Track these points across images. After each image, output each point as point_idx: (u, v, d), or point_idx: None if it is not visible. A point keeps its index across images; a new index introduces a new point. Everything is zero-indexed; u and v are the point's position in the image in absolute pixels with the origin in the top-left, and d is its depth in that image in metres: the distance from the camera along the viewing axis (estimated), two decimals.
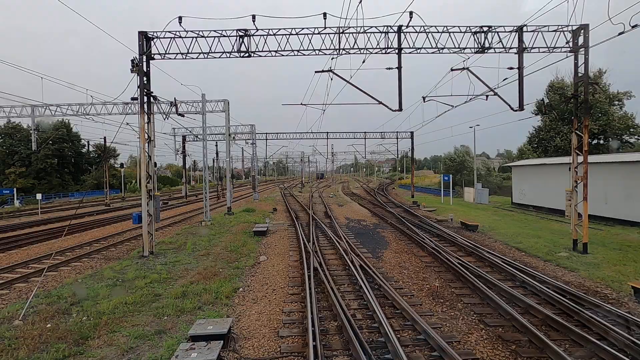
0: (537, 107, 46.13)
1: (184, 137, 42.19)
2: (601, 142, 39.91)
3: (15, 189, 40.58)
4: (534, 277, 9.89)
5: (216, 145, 42.79)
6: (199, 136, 35.94)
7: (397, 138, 46.76)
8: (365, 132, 45.34)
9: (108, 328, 7.40)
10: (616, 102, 39.59)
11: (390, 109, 13.79)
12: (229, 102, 26.85)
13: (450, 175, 35.35)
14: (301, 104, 15.30)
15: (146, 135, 13.62)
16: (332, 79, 14.30)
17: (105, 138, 38.44)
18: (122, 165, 54.81)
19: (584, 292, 8.92)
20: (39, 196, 28.35)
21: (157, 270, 11.63)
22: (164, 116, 19.49)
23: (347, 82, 13.73)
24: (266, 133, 44.45)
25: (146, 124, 13.52)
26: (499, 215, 25.06)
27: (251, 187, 47.67)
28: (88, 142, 60.86)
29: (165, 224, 22.48)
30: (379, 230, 18.81)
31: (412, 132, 45.29)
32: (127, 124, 27.41)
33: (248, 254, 14.05)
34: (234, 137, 37.74)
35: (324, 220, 21.73)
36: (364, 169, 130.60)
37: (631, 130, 39.36)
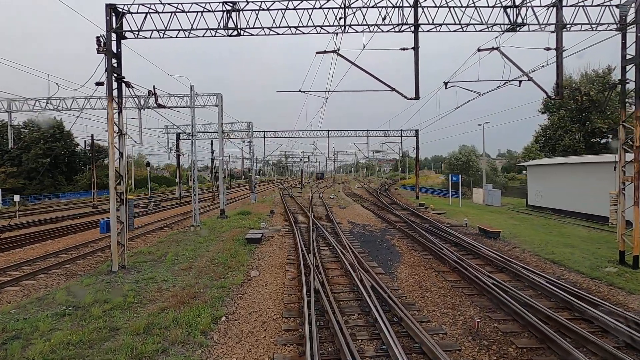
0: (544, 105, 44.22)
1: (177, 135, 40.10)
2: (610, 140, 38.15)
3: (0, 190, 38.48)
4: (595, 306, 7.76)
5: (211, 144, 40.66)
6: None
7: (401, 136, 44.89)
8: (367, 130, 43.30)
9: None
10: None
11: (405, 97, 11.66)
12: (222, 96, 24.68)
13: (460, 175, 33.14)
14: (300, 90, 13.17)
15: (116, 127, 11.48)
16: (336, 60, 12.16)
17: (92, 136, 36.23)
18: None
19: None
20: (16, 197, 26.15)
21: (123, 292, 9.50)
22: (142, 107, 17.31)
23: (353, 63, 11.60)
24: (264, 131, 42.34)
25: (116, 114, 11.38)
26: (517, 220, 22.90)
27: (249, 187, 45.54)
28: (85, 141, 58.65)
29: (149, 229, 20.37)
30: (388, 237, 16.68)
31: (417, 130, 43.39)
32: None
33: (238, 268, 11.97)
34: (228, 135, 35.59)
35: (326, 225, 19.62)
36: (365, 169, 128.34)
37: None
